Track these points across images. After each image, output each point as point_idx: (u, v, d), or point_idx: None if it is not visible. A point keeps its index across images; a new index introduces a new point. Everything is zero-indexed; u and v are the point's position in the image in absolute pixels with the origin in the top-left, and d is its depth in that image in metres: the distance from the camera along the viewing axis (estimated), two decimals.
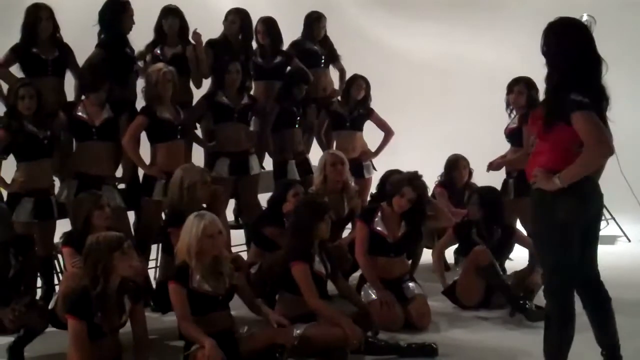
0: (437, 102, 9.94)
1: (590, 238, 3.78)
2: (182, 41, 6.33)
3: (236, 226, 6.66)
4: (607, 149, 3.51)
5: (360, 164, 6.85)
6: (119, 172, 5.91)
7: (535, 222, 3.81)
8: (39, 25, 5.73)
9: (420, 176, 5.23)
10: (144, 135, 5.85)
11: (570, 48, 3.62)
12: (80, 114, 5.55)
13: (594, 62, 3.64)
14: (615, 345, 3.82)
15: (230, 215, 6.70)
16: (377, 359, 4.54)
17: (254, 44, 6.80)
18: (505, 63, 8.86)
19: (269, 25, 6.78)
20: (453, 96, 10.00)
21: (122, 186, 5.96)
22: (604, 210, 7.54)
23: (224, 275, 4.40)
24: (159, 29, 6.34)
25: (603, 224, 7.45)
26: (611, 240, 7.52)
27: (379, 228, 5.23)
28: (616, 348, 3.82)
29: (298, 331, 4.50)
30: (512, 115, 6.05)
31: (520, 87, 5.92)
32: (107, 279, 4.00)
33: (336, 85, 7.23)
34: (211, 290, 4.33)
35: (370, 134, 7.21)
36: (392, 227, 5.23)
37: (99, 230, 4.52)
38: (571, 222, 3.64)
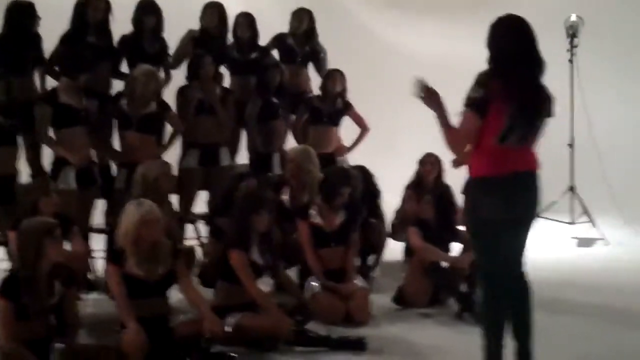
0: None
1: (519, 233, 3.85)
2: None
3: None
4: (453, 147, 3.76)
5: (334, 159, 6.87)
6: None
7: (465, 216, 3.94)
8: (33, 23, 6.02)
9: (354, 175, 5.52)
10: None
11: (496, 46, 3.72)
12: (63, 100, 5.69)
13: (523, 61, 3.69)
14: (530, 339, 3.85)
15: (203, 207, 6.80)
16: (308, 350, 4.60)
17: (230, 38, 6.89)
18: None
19: (251, 19, 6.88)
20: (458, 96, 9.93)
21: None
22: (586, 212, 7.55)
23: (159, 262, 4.50)
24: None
25: (585, 225, 7.50)
26: (589, 242, 7.47)
27: (314, 220, 5.39)
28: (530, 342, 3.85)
29: (233, 320, 4.60)
30: None
31: None
32: (37, 262, 4.12)
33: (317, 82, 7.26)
34: (143, 275, 4.42)
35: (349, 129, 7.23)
36: (328, 217, 5.39)
37: (45, 215, 4.67)
38: (495, 219, 3.73)
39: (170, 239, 4.78)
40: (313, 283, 5.28)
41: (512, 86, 3.63)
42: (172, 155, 6.44)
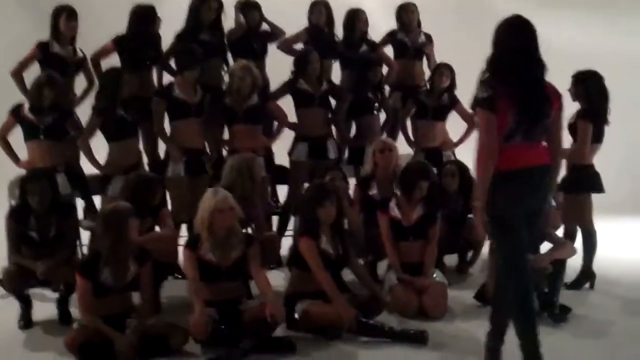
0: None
1: (532, 225, 3.92)
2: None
3: None
4: (484, 155, 3.71)
5: (439, 153, 6.87)
6: None
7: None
8: (154, 25, 6.40)
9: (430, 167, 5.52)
10: None
11: (499, 47, 3.78)
12: (177, 94, 6.07)
13: (524, 62, 3.72)
14: None
15: None
16: (370, 341, 4.68)
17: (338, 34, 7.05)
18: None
19: (362, 15, 7.01)
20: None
21: None
22: None
23: (232, 248, 4.73)
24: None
25: None
26: None
27: (393, 214, 5.44)
28: None
29: (301, 306, 4.79)
30: None
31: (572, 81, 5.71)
32: (117, 244, 4.46)
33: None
34: (215, 261, 4.68)
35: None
36: (406, 212, 5.42)
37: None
38: (509, 214, 3.79)
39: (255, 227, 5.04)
40: (391, 276, 5.35)
41: (515, 87, 3.69)
42: (285, 147, 6.72)
